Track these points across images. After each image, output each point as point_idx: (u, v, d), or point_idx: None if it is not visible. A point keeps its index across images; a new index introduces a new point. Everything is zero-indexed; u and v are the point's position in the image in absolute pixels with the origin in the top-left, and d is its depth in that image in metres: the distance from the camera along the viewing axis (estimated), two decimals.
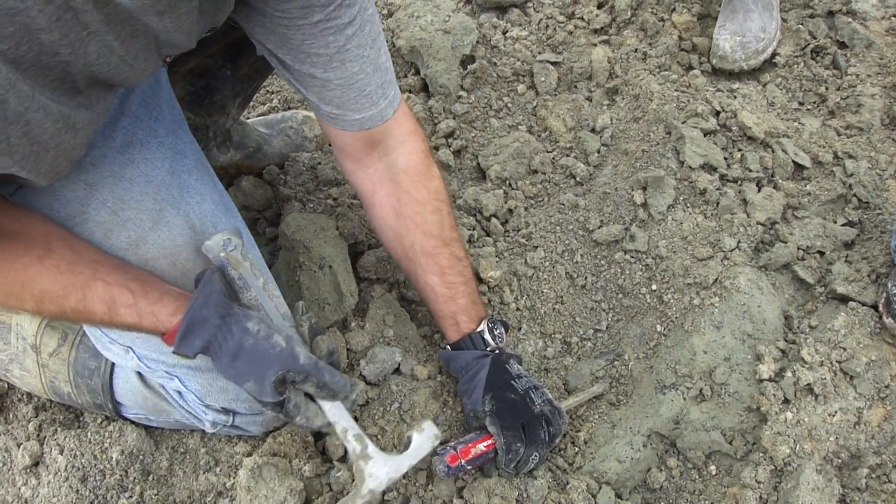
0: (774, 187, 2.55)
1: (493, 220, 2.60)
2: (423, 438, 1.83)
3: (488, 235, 2.59)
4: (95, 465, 2.00)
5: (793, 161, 2.60)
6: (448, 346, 2.16)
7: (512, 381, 2.04)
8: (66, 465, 1.99)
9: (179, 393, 1.91)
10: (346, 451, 1.97)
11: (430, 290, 2.10)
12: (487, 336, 2.09)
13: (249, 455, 2.02)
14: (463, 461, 1.92)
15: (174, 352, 1.62)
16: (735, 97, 2.78)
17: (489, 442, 1.97)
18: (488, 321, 2.11)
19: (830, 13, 3.06)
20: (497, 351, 2.09)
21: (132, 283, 1.62)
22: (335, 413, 1.76)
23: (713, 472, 2.08)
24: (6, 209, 1.64)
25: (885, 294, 2.22)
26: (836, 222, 2.52)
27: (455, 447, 1.94)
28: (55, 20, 1.18)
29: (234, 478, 2.01)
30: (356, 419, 1.92)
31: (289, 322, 1.82)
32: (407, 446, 1.82)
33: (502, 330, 2.14)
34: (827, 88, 2.91)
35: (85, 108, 1.42)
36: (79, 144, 1.48)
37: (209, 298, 1.62)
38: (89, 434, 2.05)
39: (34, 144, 1.32)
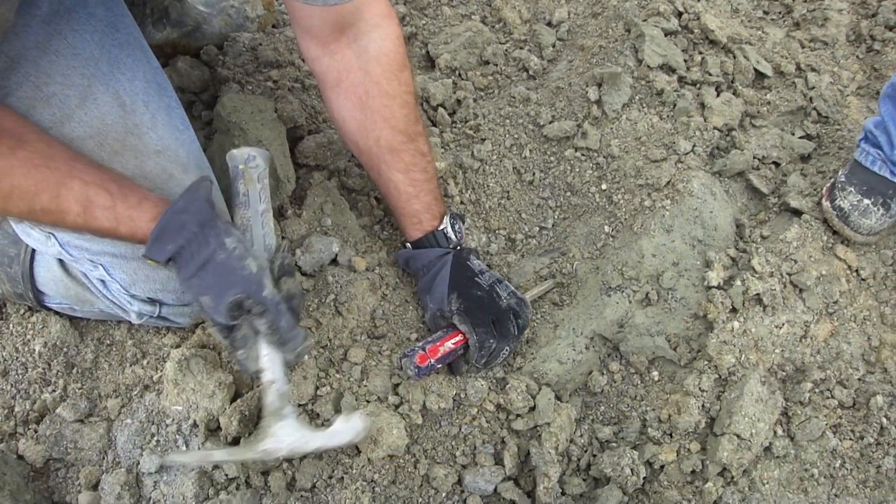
0: (734, 93, 2.49)
1: (441, 109, 2.53)
2: (347, 427, 1.68)
3: (434, 125, 2.52)
4: (17, 357, 1.97)
5: (754, 69, 2.55)
6: (407, 244, 2.13)
7: (476, 278, 2.03)
8: None
9: (103, 282, 1.83)
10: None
11: (394, 187, 2.04)
12: (450, 232, 2.07)
13: (177, 347, 1.95)
14: (432, 360, 1.89)
15: (144, 255, 1.55)
16: (699, 0, 2.69)
17: (457, 339, 1.96)
18: (450, 218, 2.09)
19: None
20: (458, 248, 2.07)
21: (111, 185, 1.54)
22: (269, 360, 1.65)
23: (655, 378, 2.06)
24: None
25: (832, 180, 2.24)
26: (793, 134, 2.49)
27: (423, 347, 1.91)
28: None
29: (161, 371, 1.95)
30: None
31: (268, 255, 1.75)
32: (328, 426, 1.71)
33: (461, 224, 2.11)
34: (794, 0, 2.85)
35: None
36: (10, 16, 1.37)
37: (191, 204, 1.56)
38: (11, 326, 2.01)
39: None
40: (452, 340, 1.95)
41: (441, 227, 2.07)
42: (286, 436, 1.62)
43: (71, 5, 1.65)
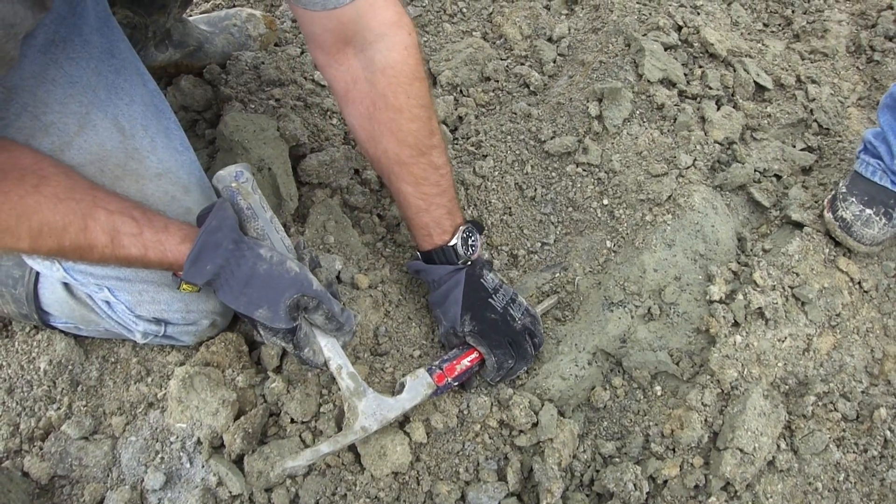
0: (734, 107, 2.49)
1: (443, 126, 2.52)
2: (418, 384, 1.84)
3: None
4: (23, 375, 1.96)
5: (754, 81, 2.55)
6: (419, 254, 2.12)
7: (490, 299, 2.03)
8: None
9: (108, 303, 1.83)
10: (276, 364, 1.95)
11: (403, 198, 2.02)
12: (460, 249, 2.04)
13: (182, 365, 1.96)
14: (449, 379, 1.91)
15: (183, 279, 1.57)
16: (698, 13, 2.70)
17: (473, 356, 1.98)
18: (464, 231, 2.05)
19: None
20: (470, 262, 2.07)
21: (134, 211, 1.55)
22: (330, 349, 1.76)
23: (658, 393, 2.04)
24: None
25: (833, 192, 2.24)
26: (794, 146, 2.48)
27: (440, 366, 1.92)
28: None
29: (165, 388, 1.95)
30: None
31: (292, 255, 1.76)
32: (400, 391, 1.81)
33: (476, 236, 2.08)
34: (793, 11, 2.89)
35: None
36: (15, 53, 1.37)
37: (223, 222, 1.59)
38: (16, 344, 2.01)
39: None
40: (468, 358, 1.97)
41: (451, 242, 2.03)
42: (373, 409, 1.74)
43: (66, 34, 1.64)
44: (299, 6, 1.79)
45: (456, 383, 1.93)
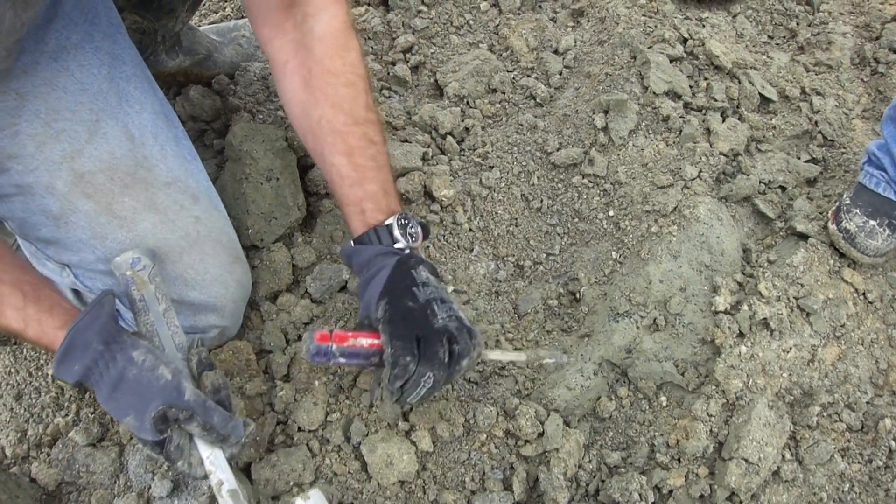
0: (739, 118, 2.50)
1: (449, 138, 2.52)
2: None
3: (443, 153, 2.52)
4: (31, 382, 1.96)
5: (759, 93, 2.56)
6: (352, 242, 1.86)
7: (414, 288, 1.70)
8: (1, 383, 1.95)
9: (118, 311, 1.78)
10: (284, 372, 1.95)
11: (336, 171, 1.82)
12: (396, 232, 1.78)
13: None
14: (334, 346, 1.62)
15: (52, 375, 1.56)
16: (704, 26, 2.72)
17: (375, 342, 1.66)
18: (400, 216, 1.81)
19: None
20: (407, 251, 1.80)
21: (26, 286, 1.52)
22: (213, 461, 1.57)
23: (664, 404, 2.05)
24: None
25: (837, 203, 2.25)
26: (799, 158, 2.49)
27: (331, 329, 1.65)
28: None
29: None
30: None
31: (182, 354, 1.68)
32: None
33: (419, 231, 1.84)
34: (798, 24, 2.88)
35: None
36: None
37: (94, 321, 1.51)
38: (25, 351, 2.01)
39: None
40: (368, 340, 1.66)
41: (386, 222, 1.79)
42: None
43: (77, 41, 1.67)
44: None
45: (342, 360, 1.66)
